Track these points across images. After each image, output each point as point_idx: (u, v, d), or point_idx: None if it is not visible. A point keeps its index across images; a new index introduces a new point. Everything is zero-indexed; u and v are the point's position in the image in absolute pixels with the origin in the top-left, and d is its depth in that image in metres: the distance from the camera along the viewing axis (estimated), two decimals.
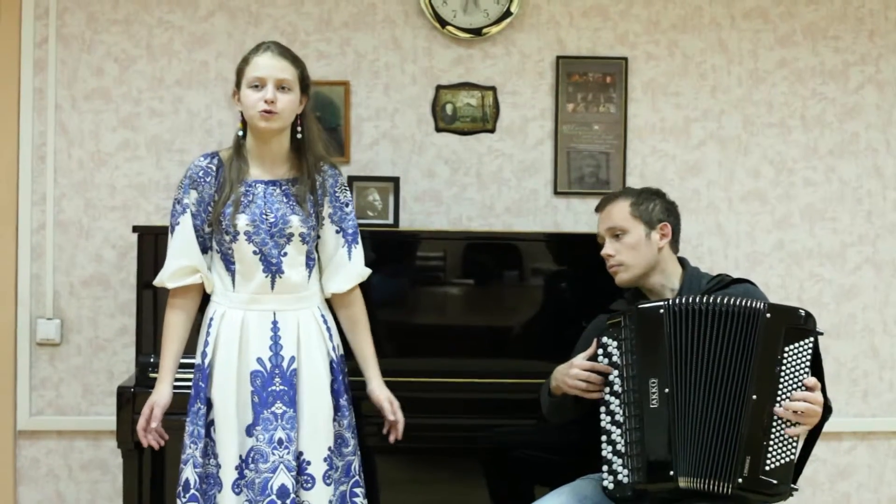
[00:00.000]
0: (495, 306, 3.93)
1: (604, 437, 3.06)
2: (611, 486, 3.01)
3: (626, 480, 2.97)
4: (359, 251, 3.27)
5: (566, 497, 3.10)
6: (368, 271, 3.30)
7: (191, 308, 3.21)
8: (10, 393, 4.13)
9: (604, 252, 3.26)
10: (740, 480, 2.85)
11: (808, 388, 2.88)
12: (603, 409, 3.05)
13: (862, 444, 4.35)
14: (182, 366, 3.48)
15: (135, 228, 3.81)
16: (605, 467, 3.03)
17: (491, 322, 3.92)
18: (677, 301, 3.00)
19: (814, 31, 4.29)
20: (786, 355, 2.89)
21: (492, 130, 4.22)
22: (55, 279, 4.13)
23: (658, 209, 3.25)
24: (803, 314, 2.92)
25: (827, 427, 4.30)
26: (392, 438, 3.28)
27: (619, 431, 3.01)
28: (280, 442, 3.05)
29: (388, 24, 4.19)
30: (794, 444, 2.89)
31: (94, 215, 4.13)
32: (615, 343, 3.05)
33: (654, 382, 2.95)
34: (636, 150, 4.25)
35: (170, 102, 4.15)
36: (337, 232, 3.22)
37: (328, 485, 3.09)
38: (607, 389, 3.05)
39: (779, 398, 2.87)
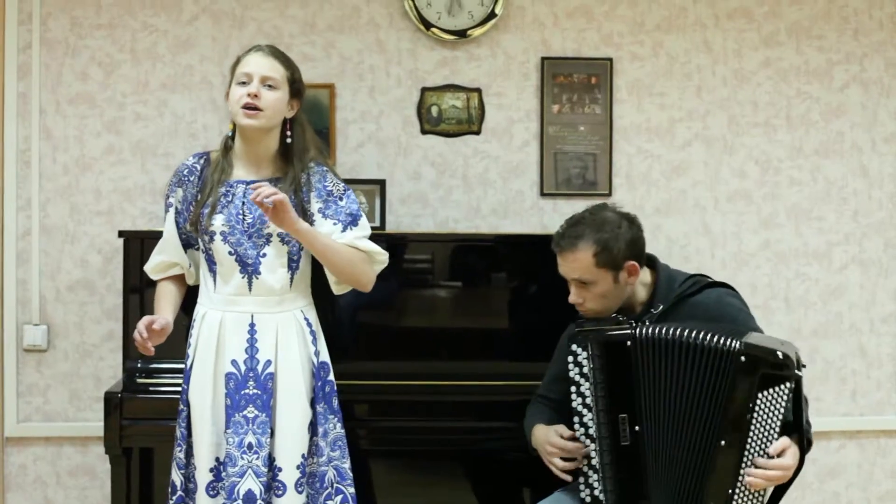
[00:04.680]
0: (483, 308, 3.92)
1: None
2: (588, 498, 2.96)
3: (602, 497, 2.92)
4: (358, 231, 3.15)
5: None
6: (376, 247, 3.17)
7: (177, 283, 3.25)
8: None
9: (571, 299, 3.06)
10: None
11: (772, 455, 2.73)
12: (576, 419, 2.97)
13: (851, 443, 4.35)
14: (173, 371, 3.52)
15: (120, 233, 3.81)
16: (581, 478, 2.98)
17: (479, 324, 3.92)
18: (645, 332, 2.85)
19: (798, 31, 4.29)
20: (759, 402, 2.72)
21: (477, 132, 4.22)
22: (41, 284, 4.12)
23: (623, 248, 2.98)
24: (781, 357, 2.71)
25: (816, 426, 4.31)
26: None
27: (593, 446, 2.93)
28: (250, 446, 3.03)
29: (373, 26, 4.19)
30: (762, 496, 2.80)
31: (80, 220, 4.12)
32: (585, 354, 2.94)
33: (623, 418, 2.85)
34: (622, 151, 4.25)
35: (154, 106, 4.14)
36: (334, 224, 3.14)
37: (300, 492, 3.06)
38: (580, 400, 2.96)
39: (748, 447, 2.75)
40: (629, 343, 2.86)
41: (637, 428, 2.85)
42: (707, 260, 4.24)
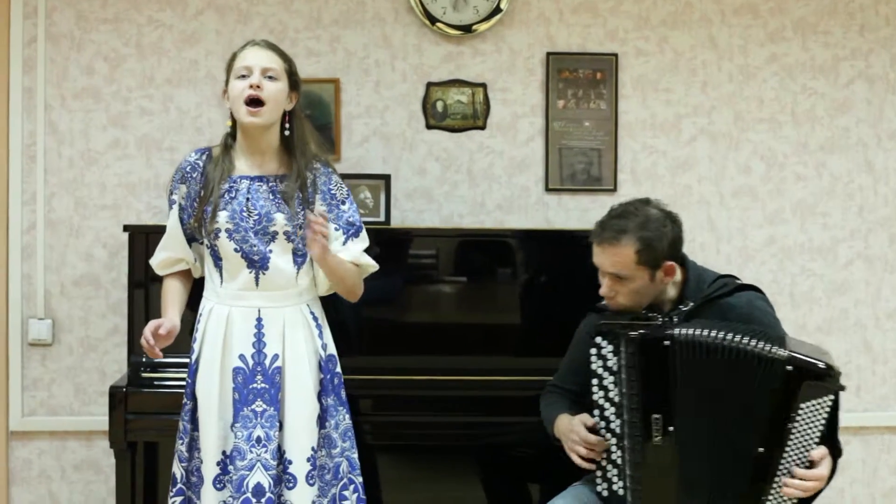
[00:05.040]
0: (488, 303, 3.93)
1: None
2: (605, 493, 2.94)
3: (621, 493, 2.90)
4: (360, 243, 3.19)
5: None
6: (371, 262, 3.21)
7: (183, 278, 3.25)
8: (1, 394, 4.12)
9: (603, 291, 3.01)
10: None
11: (812, 462, 2.73)
12: (597, 412, 2.93)
13: (855, 439, 4.35)
14: (178, 366, 3.51)
15: (125, 227, 3.81)
16: (598, 472, 2.95)
17: (484, 319, 3.91)
18: (685, 333, 2.80)
19: (804, 27, 4.29)
20: (800, 412, 2.70)
21: (482, 127, 4.22)
22: (46, 279, 4.12)
23: (665, 249, 2.95)
24: (825, 368, 2.71)
25: None
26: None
27: (614, 440, 2.90)
28: (258, 440, 3.03)
29: (378, 21, 4.19)
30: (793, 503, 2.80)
31: (85, 214, 4.12)
32: (611, 347, 2.89)
33: (657, 419, 2.81)
34: (627, 147, 4.25)
35: (160, 101, 4.14)
36: (336, 230, 3.15)
37: (311, 485, 3.06)
38: (601, 393, 2.92)
39: (785, 456, 2.73)
40: (667, 343, 2.81)
41: (671, 428, 2.81)
42: (712, 255, 4.24)
